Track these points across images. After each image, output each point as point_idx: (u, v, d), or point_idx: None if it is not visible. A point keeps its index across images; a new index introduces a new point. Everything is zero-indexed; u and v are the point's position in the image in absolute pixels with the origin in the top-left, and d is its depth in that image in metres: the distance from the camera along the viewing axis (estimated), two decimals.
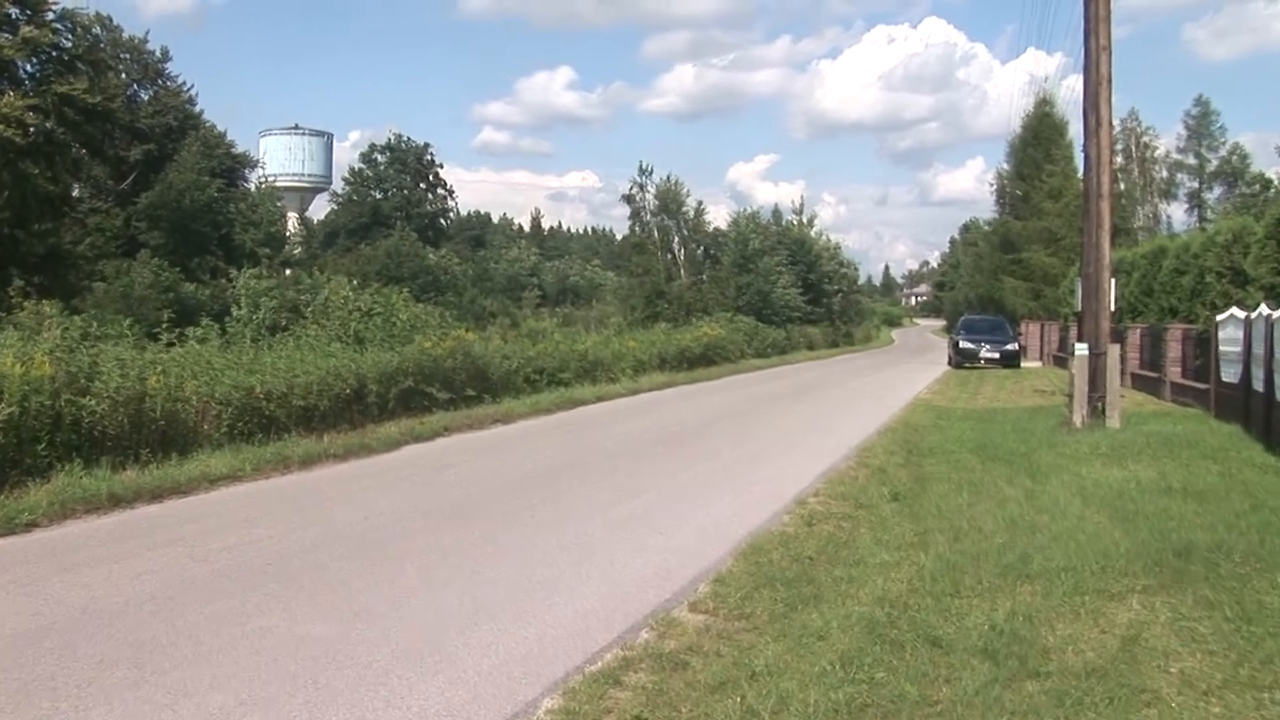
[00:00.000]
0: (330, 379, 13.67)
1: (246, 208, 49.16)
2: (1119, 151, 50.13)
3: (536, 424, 16.21)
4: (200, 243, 46.29)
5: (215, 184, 47.89)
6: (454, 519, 8.61)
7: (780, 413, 18.58)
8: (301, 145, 75.27)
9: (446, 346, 16.99)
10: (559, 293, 68.61)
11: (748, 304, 44.29)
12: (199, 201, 46.16)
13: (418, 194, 77.77)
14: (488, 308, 47.45)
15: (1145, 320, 24.12)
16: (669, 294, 44.25)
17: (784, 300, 45.93)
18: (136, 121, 47.22)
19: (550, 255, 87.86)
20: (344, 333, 17.87)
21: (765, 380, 27.88)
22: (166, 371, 11.42)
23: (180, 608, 5.97)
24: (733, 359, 33.27)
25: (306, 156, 75.27)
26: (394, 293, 20.41)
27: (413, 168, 77.92)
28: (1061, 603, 5.80)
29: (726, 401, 20.83)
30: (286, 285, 23.39)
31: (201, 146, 48.56)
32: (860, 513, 8.72)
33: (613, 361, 24.30)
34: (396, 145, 78.69)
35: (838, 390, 24.59)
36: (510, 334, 25.41)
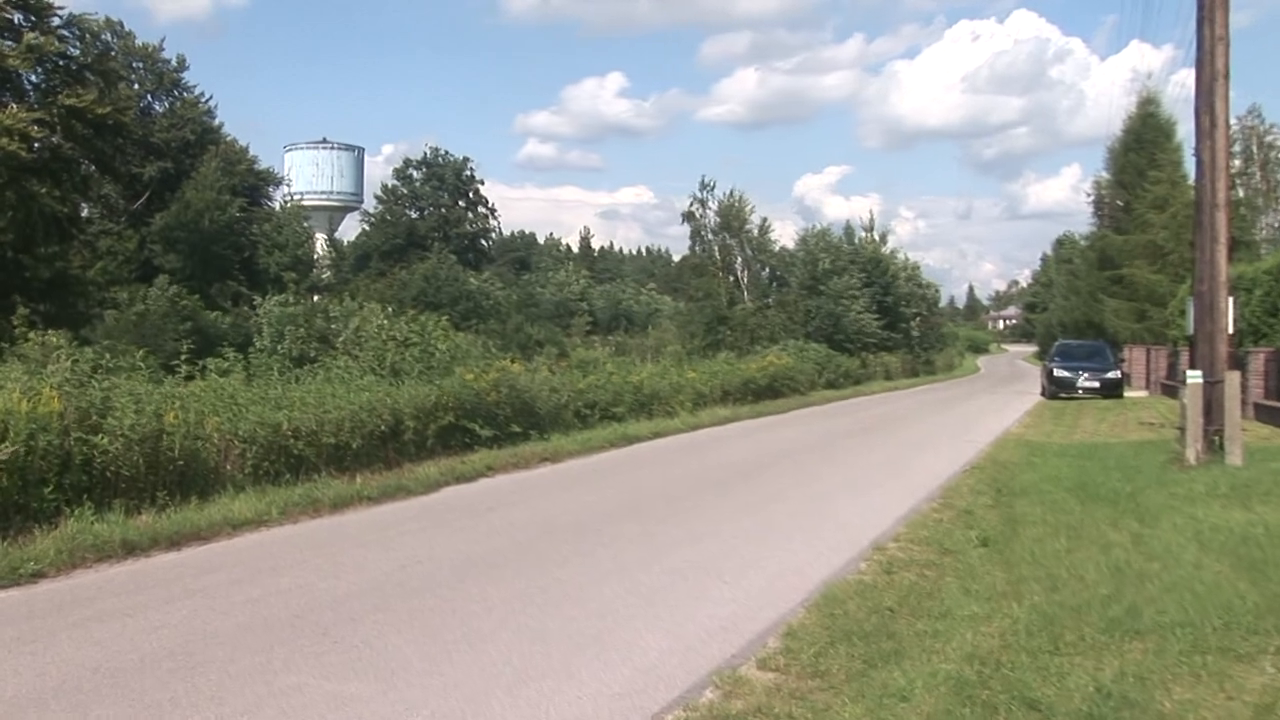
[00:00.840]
0: (363, 415, 13.77)
1: (271, 229, 50.13)
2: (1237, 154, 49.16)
3: (588, 463, 16.27)
4: (221, 267, 47.25)
5: (237, 203, 48.82)
6: (499, 567, 8.64)
7: (855, 449, 18.55)
8: (330, 161, 76.45)
9: (489, 379, 17.11)
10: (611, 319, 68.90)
11: (818, 330, 44.15)
12: (219, 222, 47.08)
13: (456, 213, 78.36)
14: (534, 336, 47.65)
15: (1271, 343, 23.69)
16: (732, 320, 44.25)
17: (858, 325, 45.73)
18: (151, 136, 48.17)
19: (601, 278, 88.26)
20: (378, 364, 18.03)
21: (838, 413, 27.80)
22: (185, 407, 11.50)
23: (201, 665, 6.01)
24: (802, 390, 33.18)
25: (335, 173, 76.42)
26: (432, 320, 20.61)
27: (451, 184, 78.52)
28: (1178, 663, 5.68)
29: (796, 437, 20.84)
30: (315, 312, 23.51)
31: (221, 163, 49.39)
32: (945, 559, 8.65)
33: (671, 394, 24.37)
34: (433, 160, 79.45)
35: (918, 424, 24.45)
36: (559, 365, 25.50)
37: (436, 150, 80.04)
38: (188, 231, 46.35)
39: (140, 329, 31.91)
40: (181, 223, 46.24)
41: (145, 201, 48.39)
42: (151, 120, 50.31)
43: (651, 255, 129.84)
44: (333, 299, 27.72)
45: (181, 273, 44.38)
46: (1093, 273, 52.78)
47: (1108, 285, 48.89)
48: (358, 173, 79.03)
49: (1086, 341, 40.24)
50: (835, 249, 49.30)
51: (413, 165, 79.74)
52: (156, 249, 46.58)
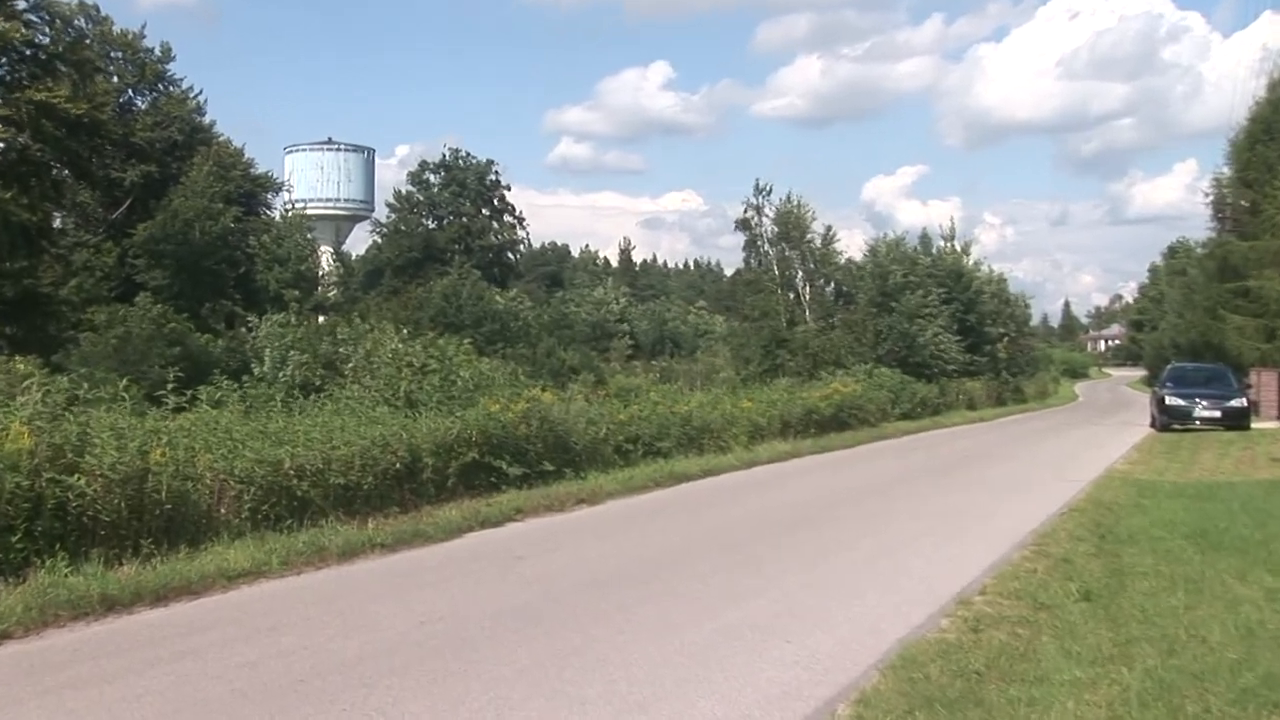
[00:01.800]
0: (376, 451, 13.87)
1: (270, 241, 50.60)
2: None
3: (630, 505, 16.34)
4: (213, 284, 47.74)
5: (231, 212, 49.16)
6: (530, 624, 8.65)
7: (934, 489, 18.50)
8: (336, 164, 77.46)
9: (518, 410, 17.19)
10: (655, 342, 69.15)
11: (890, 353, 44.01)
12: (210, 233, 47.38)
13: (480, 222, 78.83)
14: (568, 361, 47.92)
15: None
16: (792, 342, 44.20)
17: (936, 347, 45.55)
18: (132, 135, 48.55)
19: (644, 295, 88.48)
20: (392, 394, 18.17)
21: (913, 448, 27.81)
22: (173, 443, 11.58)
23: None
24: (872, 422, 33.10)
25: (342, 177, 77.46)
26: (452, 344, 20.77)
27: (473, 190, 79.05)
28: None
29: (866, 476, 20.88)
30: (320, 335, 24.14)
31: (213, 166, 49.74)
32: (1040, 616, 8.59)
33: (723, 427, 24.43)
34: (453, 162, 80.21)
35: (1006, 461, 24.39)
36: (596, 394, 25.59)
37: (457, 152, 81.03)
38: (175, 244, 46.64)
39: (121, 354, 32.17)
40: (168, 234, 46.47)
41: (126, 210, 48.82)
42: (133, 118, 50.67)
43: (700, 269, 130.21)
44: (340, 320, 28.12)
45: (168, 290, 44.73)
46: (1212, 285, 52.22)
47: (1230, 299, 48.25)
48: (368, 177, 79.96)
49: (1205, 365, 39.89)
50: (910, 261, 49.08)
51: (430, 169, 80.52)
52: (139, 264, 46.89)
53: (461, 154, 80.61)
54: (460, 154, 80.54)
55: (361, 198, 79.41)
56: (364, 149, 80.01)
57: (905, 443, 29.76)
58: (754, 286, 52.08)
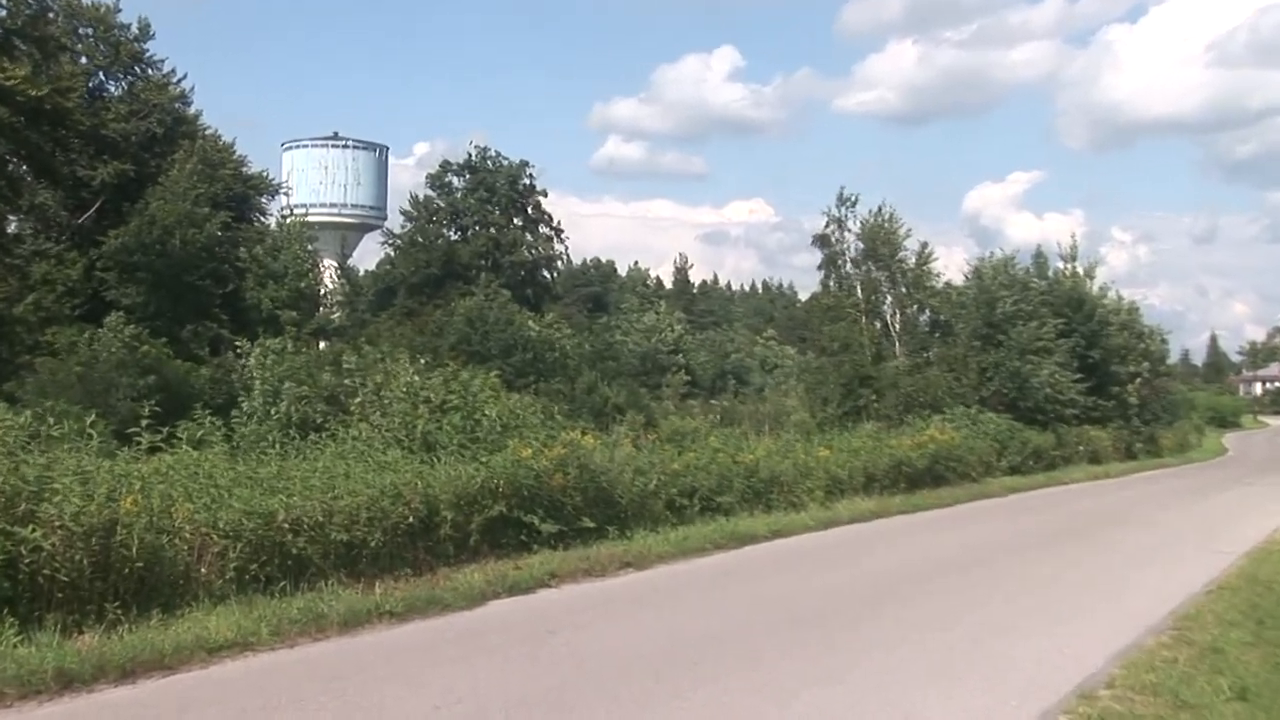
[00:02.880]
0: (386, 502, 13.95)
1: (263, 252, 50.80)
2: None
3: (684, 571, 16.36)
4: (196, 302, 47.45)
5: (218, 218, 49.00)
6: (563, 711, 8.64)
7: (1049, 560, 18.34)
8: (343, 163, 78.22)
9: (553, 456, 17.20)
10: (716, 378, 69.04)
11: (996, 395, 43.75)
12: (194, 243, 47.11)
13: (511, 234, 78.37)
14: (612, 399, 47.65)
15: None
16: (878, 380, 44.01)
17: (1052, 389, 45.19)
18: (103, 127, 48.37)
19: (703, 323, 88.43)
20: (406, 434, 18.25)
21: (1024, 509, 27.65)
22: (147, 489, 11.64)
23: None
24: (973, 476, 32.87)
25: (350, 179, 78.21)
26: (478, 377, 20.92)
27: (504, 196, 78.68)
28: None
29: (966, 541, 20.75)
30: (322, 364, 24.26)
31: (198, 164, 49.60)
32: (1183, 717, 8.48)
33: (796, 480, 24.37)
34: (480, 163, 79.85)
35: (1139, 525, 24.20)
36: (646, 438, 25.45)
37: (484, 151, 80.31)
38: (152, 255, 46.31)
39: (86, 384, 32.24)
40: (143, 243, 46.13)
41: (95, 214, 48.63)
42: (104, 106, 50.48)
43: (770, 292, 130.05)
44: (346, 347, 28.34)
45: (143, 310, 44.54)
46: None
47: None
48: (379, 180, 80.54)
49: None
50: (1021, 285, 48.74)
51: (453, 170, 79.90)
52: (109, 278, 46.43)
53: (490, 154, 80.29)
54: (489, 154, 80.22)
55: (372, 203, 79.98)
56: (375, 146, 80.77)
57: (1014, 502, 29.56)
58: (833, 314, 51.75)
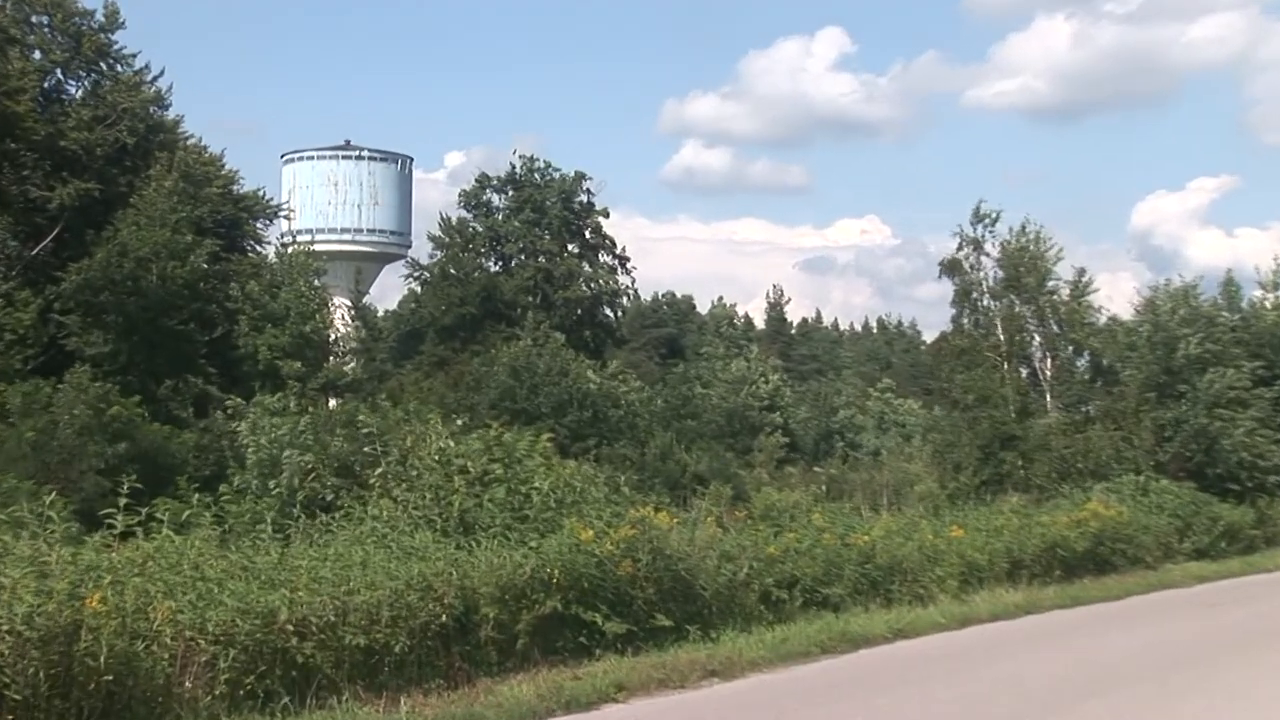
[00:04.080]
0: (413, 597, 14.00)
1: (260, 290, 51.17)
2: None
3: (783, 681, 16.28)
4: (177, 352, 47.79)
5: (204, 248, 49.45)
6: None
7: (1250, 671, 18.07)
8: (357, 178, 78.38)
9: (620, 538, 17.24)
10: (820, 439, 69.17)
11: (1177, 459, 43.29)
12: (174, 279, 47.39)
13: (565, 263, 78.86)
14: (692, 467, 47.59)
15: None
16: (1025, 441, 43.72)
17: (1249, 451, 44.49)
18: (61, 136, 48.88)
19: (803, 371, 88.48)
20: (438, 513, 18.22)
21: (1216, 602, 27.18)
22: (119, 584, 11.67)
23: None
24: (1149, 562, 32.58)
25: (366, 197, 78.45)
26: (525, 440, 20.93)
27: (556, 217, 79.42)
28: None
29: (1140, 645, 20.53)
30: (333, 426, 24.10)
31: (178, 181, 50.00)
32: None
33: (922, 567, 24.38)
34: (526, 177, 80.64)
35: None
36: (734, 515, 25.75)
37: (532, 161, 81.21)
38: (123, 294, 46.53)
39: (43, 454, 32.57)
40: (112, 280, 46.33)
41: (53, 244, 49.07)
42: (63, 111, 50.91)
43: (887, 332, 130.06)
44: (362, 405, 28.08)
45: (112, 361, 44.97)
46: None
47: None
48: (402, 199, 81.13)
49: None
50: (1208, 321, 48.14)
51: (493, 185, 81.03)
52: (70, 322, 46.69)
53: (538, 165, 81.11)
54: (536, 165, 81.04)
55: (393, 227, 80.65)
56: (397, 157, 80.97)
57: (1202, 594, 29.14)
58: (967, 358, 51.37)
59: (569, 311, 76.69)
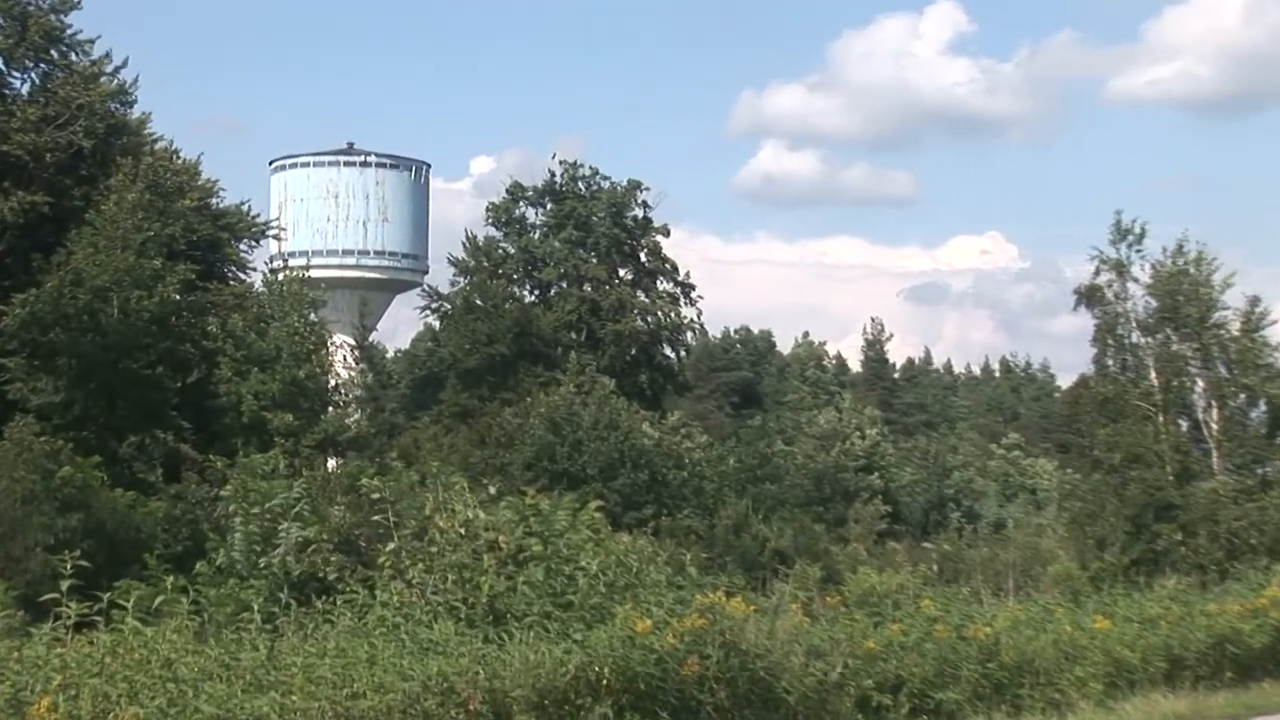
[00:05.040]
0: (432, 701, 14.00)
1: (244, 325, 51.69)
2: None
3: None
4: (143, 401, 47.99)
5: (176, 275, 49.83)
6: None
7: None
8: (362, 188, 78.61)
9: (685, 630, 17.17)
10: (930, 507, 71.18)
11: None
12: (140, 313, 47.60)
13: (616, 292, 79.69)
14: (772, 541, 47.62)
15: None
16: (1187, 510, 43.37)
17: None
18: (4, 140, 49.87)
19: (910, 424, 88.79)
20: (462, 598, 18.11)
21: None
22: (72, 685, 11.94)
23: None
24: None
25: (373, 213, 78.61)
26: (568, 508, 20.70)
27: (605, 235, 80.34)
28: None
29: None
30: (334, 493, 24.15)
31: (144, 193, 50.36)
32: None
33: (1059, 666, 23.95)
34: (569, 186, 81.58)
35: None
36: (824, 602, 25.83)
37: (575, 168, 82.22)
38: (76, 331, 46.84)
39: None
40: (64, 314, 46.72)
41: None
42: (5, 109, 51.94)
43: (1013, 376, 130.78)
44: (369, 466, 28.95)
45: (64, 413, 45.37)
46: None
47: None
48: (418, 213, 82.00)
49: None
50: None
51: (528, 197, 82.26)
52: (13, 365, 47.13)
53: (583, 172, 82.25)
54: (581, 172, 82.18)
55: (407, 248, 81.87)
56: (411, 164, 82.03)
57: None
58: (1112, 408, 51.29)
59: (621, 351, 77.83)
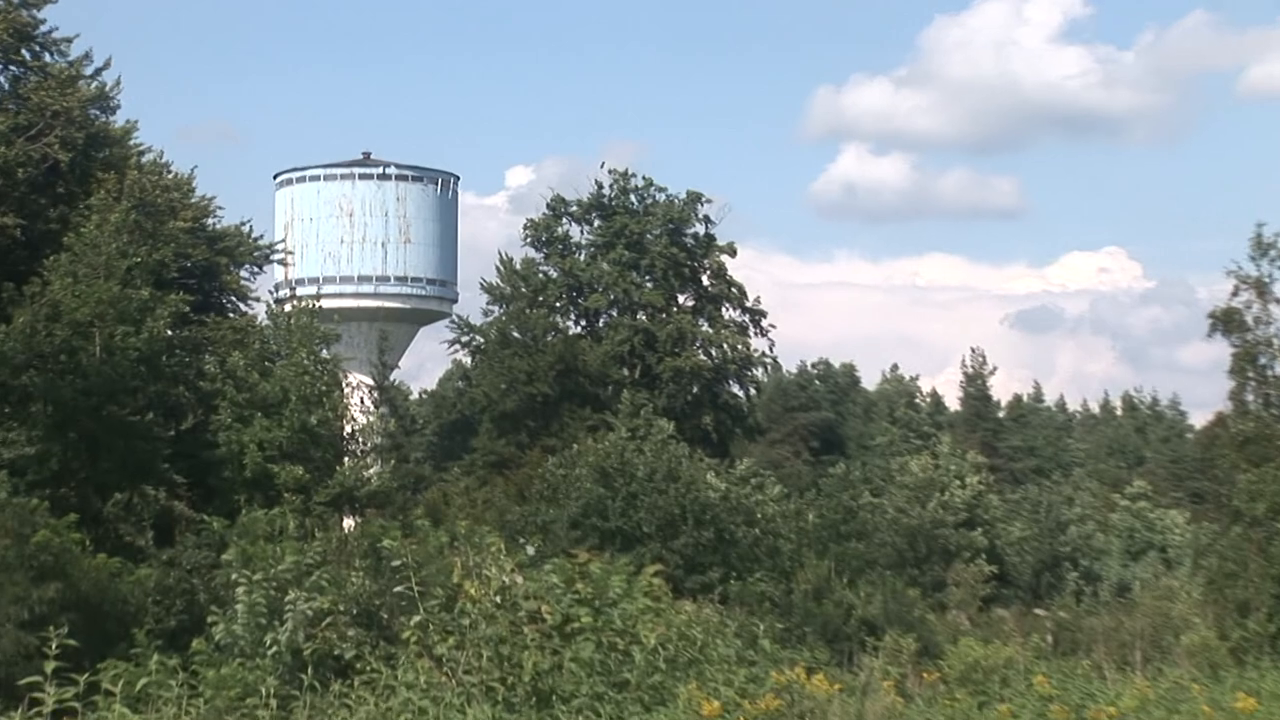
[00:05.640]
0: None
1: (245, 365, 51.27)
2: None
3: None
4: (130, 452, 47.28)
5: (167, 308, 49.38)
6: None
7: None
8: (380, 204, 78.41)
9: (759, 712, 17.23)
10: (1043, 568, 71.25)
11: None
12: (126, 351, 47.11)
13: (675, 321, 79.48)
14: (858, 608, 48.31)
15: None
16: None
17: None
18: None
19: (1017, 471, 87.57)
20: (500, 677, 18.18)
21: None
22: None
23: None
24: None
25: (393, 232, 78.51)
26: (622, 572, 20.73)
27: (662, 255, 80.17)
28: None
29: None
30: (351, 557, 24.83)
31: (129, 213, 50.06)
32: None
33: None
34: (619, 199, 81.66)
35: None
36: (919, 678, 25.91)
37: (626, 178, 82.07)
38: (53, 373, 46.47)
39: None
40: (39, 353, 46.43)
41: None
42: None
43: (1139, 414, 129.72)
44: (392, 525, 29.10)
45: (39, 468, 44.75)
46: None
47: None
48: (446, 233, 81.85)
49: None
50: None
51: (572, 212, 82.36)
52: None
53: (636, 182, 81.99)
54: (634, 183, 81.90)
55: (432, 273, 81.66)
56: (437, 176, 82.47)
57: None
58: (1255, 450, 50.44)
59: (680, 390, 77.67)
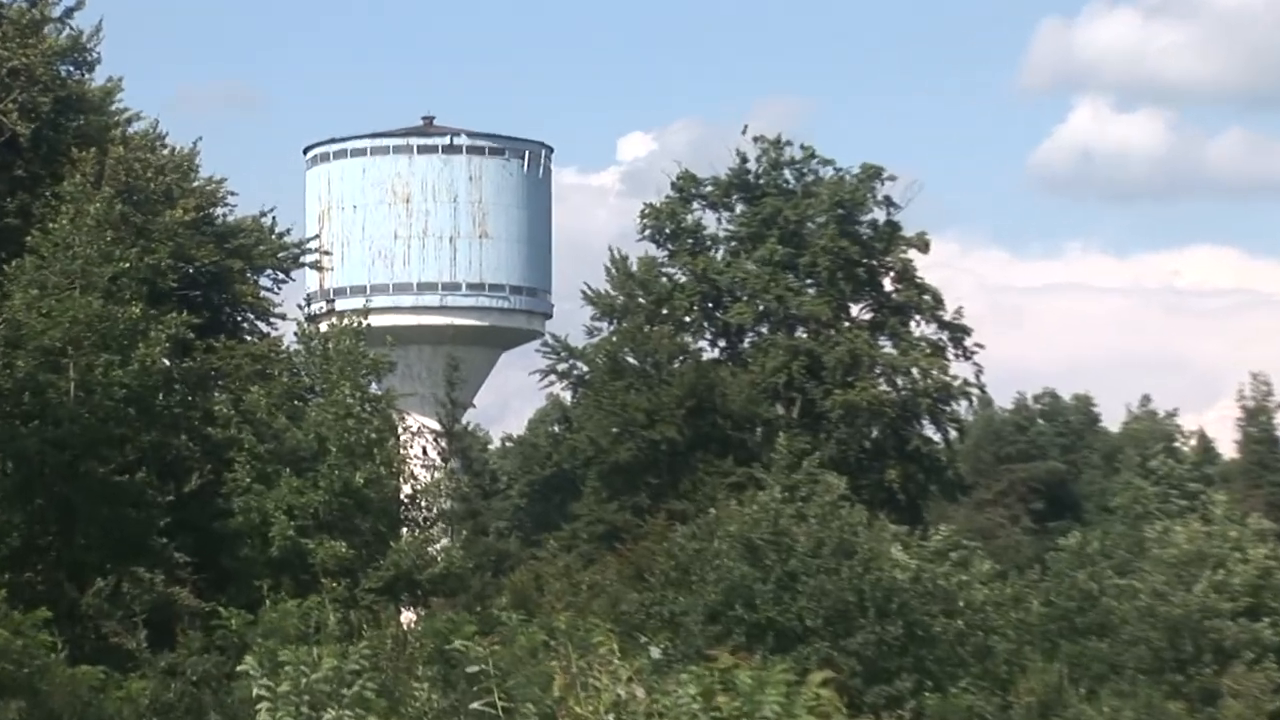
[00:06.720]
0: None
1: (268, 404, 46.50)
2: None
3: None
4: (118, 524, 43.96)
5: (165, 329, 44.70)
6: None
7: None
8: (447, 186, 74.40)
9: None
10: None
11: None
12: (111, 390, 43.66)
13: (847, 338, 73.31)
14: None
15: None
16: None
17: None
18: None
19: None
20: None
21: None
22: None
23: None
24: None
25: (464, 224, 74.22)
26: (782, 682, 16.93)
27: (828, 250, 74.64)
28: None
29: None
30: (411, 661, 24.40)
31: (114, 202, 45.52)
32: None
33: None
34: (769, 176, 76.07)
35: None
36: None
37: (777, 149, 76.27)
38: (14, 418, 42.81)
39: None
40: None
41: None
42: None
43: None
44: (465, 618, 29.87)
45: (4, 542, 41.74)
46: None
47: None
48: (536, 222, 77.28)
49: None
50: None
51: (705, 195, 76.60)
52: None
53: (792, 154, 76.25)
54: (789, 154, 76.03)
55: (518, 279, 76.98)
56: (523, 147, 77.61)
57: None
58: None
59: (855, 433, 71.64)
